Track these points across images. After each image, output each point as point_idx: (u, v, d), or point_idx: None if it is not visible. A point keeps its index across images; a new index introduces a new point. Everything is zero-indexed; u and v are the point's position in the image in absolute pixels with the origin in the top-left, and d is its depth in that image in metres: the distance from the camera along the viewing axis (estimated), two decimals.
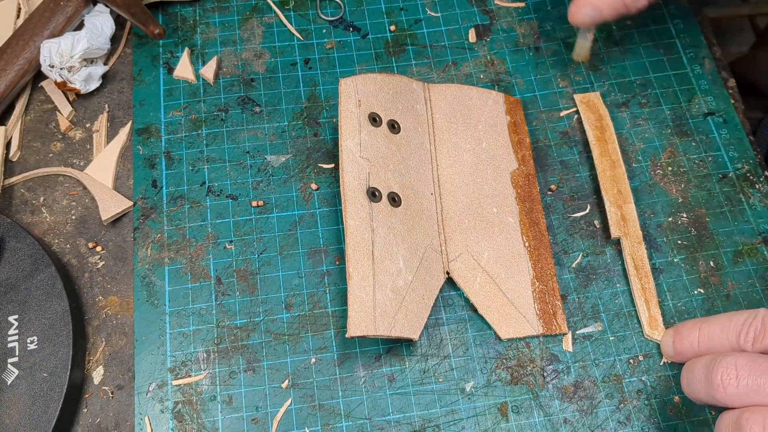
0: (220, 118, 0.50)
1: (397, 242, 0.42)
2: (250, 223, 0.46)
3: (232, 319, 0.43)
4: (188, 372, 0.42)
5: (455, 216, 0.45)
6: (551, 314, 0.43)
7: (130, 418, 0.41)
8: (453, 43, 0.54)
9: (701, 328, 0.38)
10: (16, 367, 0.40)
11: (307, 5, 0.55)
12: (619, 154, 0.48)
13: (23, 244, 0.44)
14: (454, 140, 0.47)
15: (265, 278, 0.45)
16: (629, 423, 0.41)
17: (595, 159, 0.48)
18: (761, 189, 0.48)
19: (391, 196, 0.43)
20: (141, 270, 0.45)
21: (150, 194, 0.47)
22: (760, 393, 0.32)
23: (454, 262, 0.44)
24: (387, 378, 0.42)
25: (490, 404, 0.41)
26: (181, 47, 0.52)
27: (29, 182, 0.48)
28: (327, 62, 0.52)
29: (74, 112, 0.51)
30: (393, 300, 0.40)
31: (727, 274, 0.46)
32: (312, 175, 0.48)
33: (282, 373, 0.42)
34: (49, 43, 0.48)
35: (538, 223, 0.46)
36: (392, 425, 0.41)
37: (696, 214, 0.47)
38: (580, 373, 0.42)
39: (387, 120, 0.46)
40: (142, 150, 0.49)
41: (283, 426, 0.41)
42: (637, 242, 0.45)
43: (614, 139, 0.49)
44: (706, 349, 0.38)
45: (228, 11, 0.54)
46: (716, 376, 0.33)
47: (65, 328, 0.41)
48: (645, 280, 0.44)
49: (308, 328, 0.43)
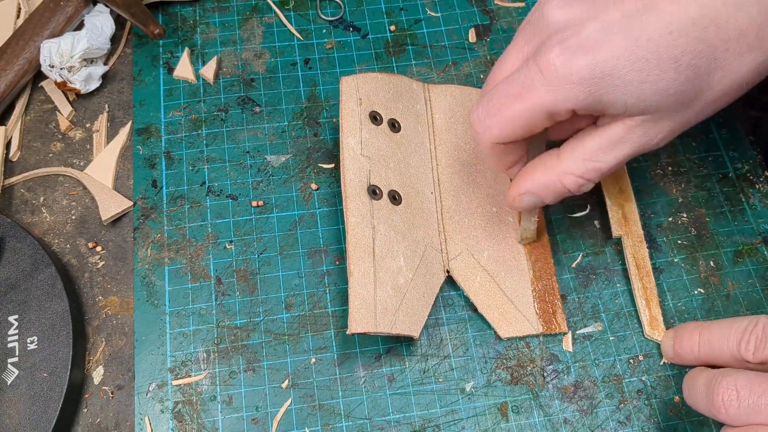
0: (220, 118, 0.50)
1: (397, 240, 0.42)
2: (250, 223, 0.46)
3: (232, 319, 0.43)
4: (188, 372, 0.42)
5: (455, 215, 0.45)
6: (551, 313, 0.43)
7: (130, 418, 0.41)
8: (453, 43, 0.54)
9: (701, 333, 0.38)
10: (16, 367, 0.40)
11: (307, 5, 0.55)
12: None
13: (23, 244, 0.44)
14: (454, 140, 0.47)
15: (265, 278, 0.45)
16: (629, 423, 0.41)
17: None
18: (761, 189, 0.48)
19: (392, 195, 0.43)
20: (141, 270, 0.45)
21: (150, 194, 0.47)
22: (761, 413, 0.32)
23: (454, 260, 0.44)
24: (387, 378, 0.42)
25: (490, 404, 0.41)
26: (181, 47, 0.52)
27: (29, 182, 0.48)
28: (327, 62, 0.52)
29: (74, 112, 0.51)
30: (394, 297, 0.40)
31: (727, 274, 0.46)
32: (312, 175, 0.48)
33: (282, 373, 0.42)
34: (49, 43, 0.48)
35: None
36: (392, 425, 0.41)
37: (696, 214, 0.47)
38: (580, 373, 0.42)
39: (387, 119, 0.46)
40: (142, 150, 0.49)
41: (283, 426, 0.41)
42: (639, 241, 0.45)
43: None
44: (706, 354, 0.37)
45: (228, 11, 0.54)
46: (717, 397, 0.33)
47: (65, 328, 0.41)
48: (646, 279, 0.44)
49: (308, 328, 0.43)
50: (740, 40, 0.33)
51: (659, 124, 0.35)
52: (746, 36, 0.33)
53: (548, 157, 0.38)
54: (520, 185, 0.39)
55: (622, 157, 0.36)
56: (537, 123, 0.36)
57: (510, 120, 0.36)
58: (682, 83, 0.33)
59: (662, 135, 0.36)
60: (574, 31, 0.33)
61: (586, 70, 0.33)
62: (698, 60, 0.33)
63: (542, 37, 0.35)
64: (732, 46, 0.33)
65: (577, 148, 0.37)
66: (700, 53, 0.33)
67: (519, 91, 0.35)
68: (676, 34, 0.32)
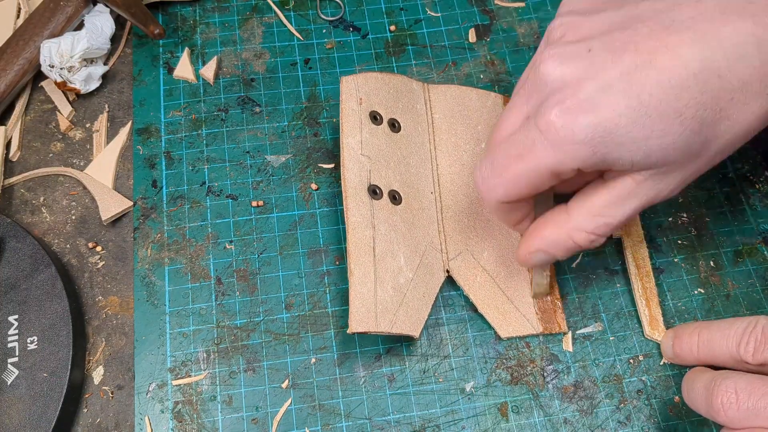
0: (220, 118, 0.50)
1: (398, 240, 0.42)
2: (250, 223, 0.46)
3: (232, 319, 0.43)
4: (188, 372, 0.42)
5: (455, 215, 0.45)
6: (551, 313, 0.43)
7: (130, 418, 0.41)
8: (453, 43, 0.54)
9: (701, 333, 0.38)
10: (16, 367, 0.40)
11: (307, 5, 0.55)
12: None
13: (23, 244, 0.44)
14: (454, 140, 0.47)
15: (265, 278, 0.45)
16: (629, 423, 0.41)
17: None
18: (761, 189, 0.48)
19: (392, 194, 0.43)
20: (141, 270, 0.45)
21: (150, 194, 0.47)
22: (760, 416, 0.32)
23: (454, 260, 0.44)
24: (387, 378, 0.42)
25: (490, 404, 0.41)
26: (181, 47, 0.52)
27: (29, 182, 0.48)
28: (327, 62, 0.52)
29: (74, 112, 0.51)
30: (394, 297, 0.40)
31: (727, 274, 0.46)
32: (312, 175, 0.48)
33: (282, 373, 0.42)
34: (49, 43, 0.48)
35: None
36: (392, 425, 0.41)
37: (696, 214, 0.48)
38: (580, 373, 0.42)
39: (387, 119, 0.46)
40: (142, 150, 0.49)
41: (283, 426, 0.41)
42: (639, 241, 0.45)
43: None
44: (705, 354, 0.37)
45: (228, 11, 0.54)
46: (716, 400, 0.33)
47: (65, 328, 0.41)
48: (646, 279, 0.44)
49: (308, 328, 0.43)
50: (744, 90, 0.32)
51: (668, 177, 0.35)
52: (750, 85, 0.32)
53: (557, 214, 0.38)
54: (530, 243, 0.39)
55: (631, 212, 0.36)
56: (542, 182, 0.35)
57: (514, 180, 0.35)
58: (689, 136, 0.32)
59: (672, 187, 0.35)
60: (572, 91, 0.32)
61: (589, 130, 0.32)
62: (703, 112, 0.32)
63: (541, 97, 0.34)
64: (737, 96, 0.32)
65: (585, 204, 0.37)
66: (704, 104, 0.32)
67: (521, 152, 0.34)
68: (678, 88, 0.31)
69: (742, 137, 0.34)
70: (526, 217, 0.40)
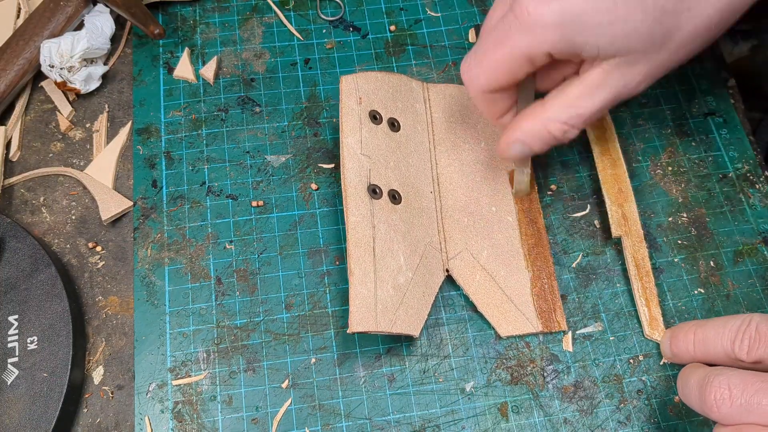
0: (220, 118, 0.50)
1: (397, 239, 0.42)
2: (250, 223, 0.46)
3: (232, 319, 0.43)
4: (188, 372, 0.42)
5: (454, 214, 0.45)
6: (550, 312, 0.43)
7: (130, 418, 0.41)
8: (453, 43, 0.54)
9: (696, 332, 0.38)
10: (16, 367, 0.40)
11: (307, 5, 0.55)
12: (620, 152, 0.48)
13: (23, 244, 0.44)
14: (453, 140, 0.47)
15: (265, 278, 0.45)
16: (629, 423, 0.41)
17: (596, 157, 0.48)
18: (761, 189, 0.48)
19: (392, 194, 0.43)
20: (141, 270, 0.45)
21: (150, 194, 0.47)
22: (753, 412, 0.32)
23: (454, 260, 0.44)
24: (387, 378, 0.42)
25: (490, 404, 0.41)
26: (181, 47, 0.52)
27: (29, 182, 0.48)
28: (327, 62, 0.52)
29: (74, 112, 0.51)
30: (394, 296, 0.40)
31: (727, 274, 0.46)
32: (312, 175, 0.48)
33: (282, 373, 0.42)
34: (49, 43, 0.48)
35: (536, 221, 0.46)
36: (392, 425, 0.41)
37: (696, 214, 0.47)
38: (580, 373, 0.42)
39: (387, 118, 0.46)
40: (142, 150, 0.49)
41: (283, 426, 0.41)
42: (638, 241, 0.45)
43: (615, 138, 0.48)
44: (701, 353, 0.38)
45: (228, 11, 0.54)
46: (709, 396, 0.33)
47: (65, 328, 0.41)
48: (646, 279, 0.44)
49: (308, 328, 0.43)
50: None
51: (635, 68, 0.37)
52: None
53: (535, 107, 0.40)
54: (509, 135, 0.41)
55: (602, 102, 0.38)
56: (519, 68, 0.38)
57: (493, 67, 0.38)
58: (651, 23, 0.35)
59: (639, 78, 0.38)
60: None
61: (557, 14, 0.35)
62: (664, 1, 0.34)
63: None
64: None
65: (560, 96, 0.39)
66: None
67: (499, 38, 0.37)
68: None
69: (703, 30, 0.36)
70: (509, 110, 0.42)
